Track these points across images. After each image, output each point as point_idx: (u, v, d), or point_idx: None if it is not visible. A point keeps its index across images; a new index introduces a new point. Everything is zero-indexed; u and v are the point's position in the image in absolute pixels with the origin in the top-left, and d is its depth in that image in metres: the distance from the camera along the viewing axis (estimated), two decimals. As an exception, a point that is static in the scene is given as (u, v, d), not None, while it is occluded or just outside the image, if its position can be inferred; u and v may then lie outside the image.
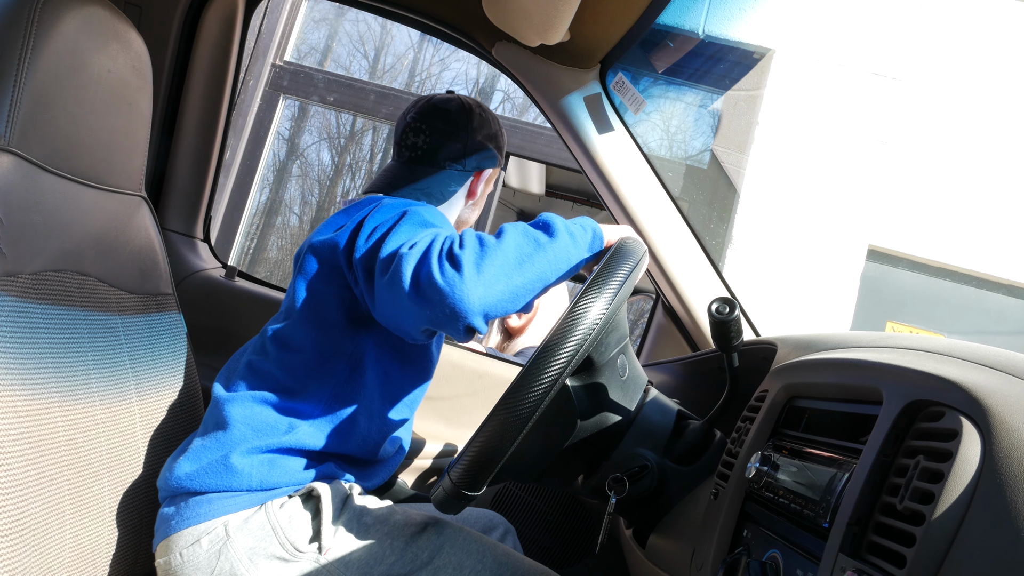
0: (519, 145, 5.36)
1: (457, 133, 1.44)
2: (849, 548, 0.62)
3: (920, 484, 0.57)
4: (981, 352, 0.71)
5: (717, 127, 6.01)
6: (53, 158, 1.11)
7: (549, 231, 1.11)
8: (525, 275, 1.06)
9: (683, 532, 1.03)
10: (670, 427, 1.15)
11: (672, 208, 1.66)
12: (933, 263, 5.71)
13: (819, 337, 1.03)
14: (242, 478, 1.15)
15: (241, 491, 1.16)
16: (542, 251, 1.08)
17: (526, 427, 0.91)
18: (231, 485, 1.16)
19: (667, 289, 1.69)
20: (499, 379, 1.83)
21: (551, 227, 1.11)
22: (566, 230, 1.11)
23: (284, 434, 1.18)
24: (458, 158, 1.43)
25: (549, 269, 1.08)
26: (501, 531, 1.44)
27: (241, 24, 1.78)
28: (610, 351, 1.07)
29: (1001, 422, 0.55)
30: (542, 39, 1.43)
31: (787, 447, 0.84)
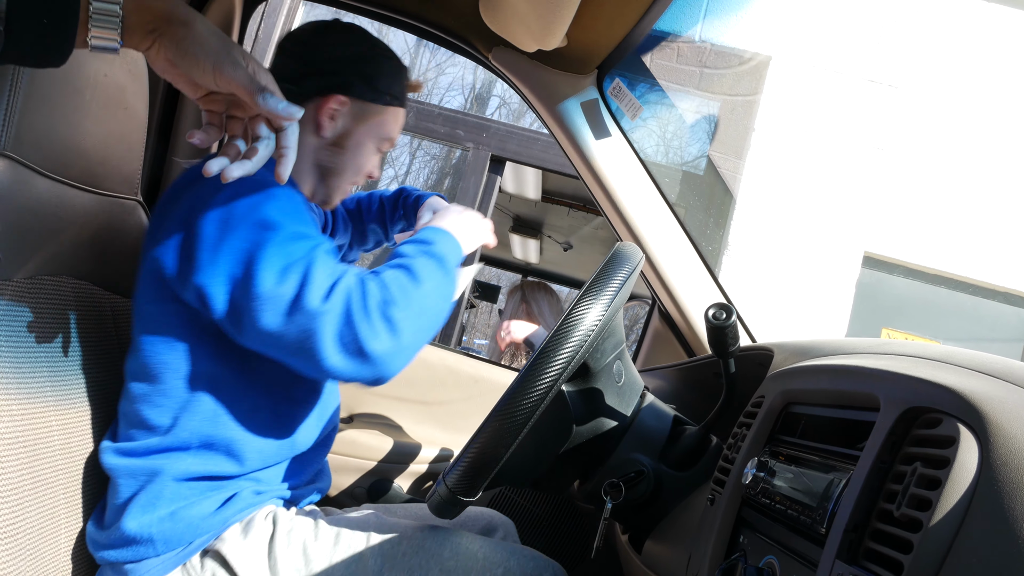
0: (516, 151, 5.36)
1: (301, 51, 1.26)
2: (846, 554, 0.62)
3: (917, 491, 0.57)
4: (978, 359, 0.72)
5: (714, 133, 6.02)
6: (48, 162, 1.10)
7: (444, 265, 1.12)
8: (435, 327, 1.08)
9: (679, 538, 1.03)
10: (666, 433, 1.15)
11: (669, 214, 1.66)
12: (929, 270, 5.72)
13: (815, 343, 1.03)
14: (145, 546, 1.08)
15: (151, 558, 1.08)
16: (447, 298, 1.11)
17: (522, 433, 0.91)
18: (139, 555, 1.08)
19: (663, 295, 1.69)
20: (495, 384, 1.83)
21: (444, 262, 1.12)
22: (451, 261, 1.14)
23: (173, 480, 1.09)
24: (294, 77, 1.23)
25: (444, 311, 1.11)
26: (501, 532, 1.40)
27: (238, 29, 1.78)
28: (606, 357, 1.07)
29: (998, 429, 0.55)
30: (539, 45, 1.43)
31: (784, 453, 0.84)
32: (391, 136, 1.30)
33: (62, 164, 1.13)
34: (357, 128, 1.27)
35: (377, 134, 1.28)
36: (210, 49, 0.83)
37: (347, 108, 1.26)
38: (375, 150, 1.30)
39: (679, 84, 5.93)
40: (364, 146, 1.28)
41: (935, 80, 5.74)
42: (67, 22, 0.75)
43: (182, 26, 0.82)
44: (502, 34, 1.52)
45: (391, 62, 1.29)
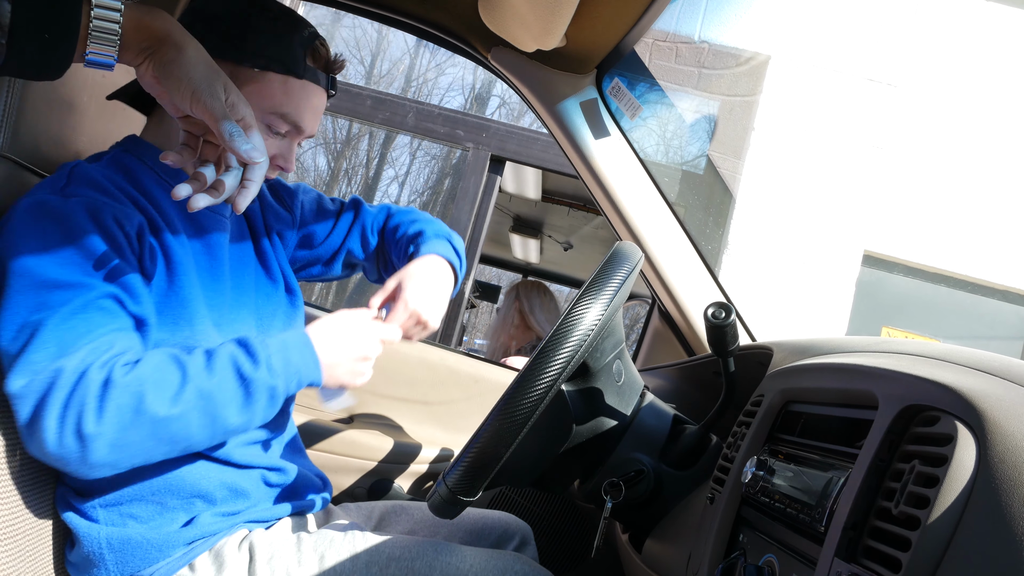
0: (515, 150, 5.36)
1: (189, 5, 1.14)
2: (845, 552, 0.62)
3: (915, 488, 0.57)
4: (976, 357, 0.72)
5: (713, 132, 6.03)
6: (46, 163, 1.11)
7: (249, 392, 0.98)
8: (175, 445, 0.95)
9: (679, 537, 1.03)
10: (666, 432, 1.15)
11: (668, 213, 1.66)
12: (928, 268, 5.72)
13: (815, 342, 1.03)
14: (99, 568, 1.03)
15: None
16: (222, 430, 0.97)
17: (522, 432, 0.91)
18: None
19: (663, 294, 1.69)
20: (495, 384, 1.83)
21: (252, 389, 0.98)
22: (267, 390, 0.99)
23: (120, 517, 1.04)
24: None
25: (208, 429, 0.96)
26: (517, 541, 1.34)
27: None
28: (606, 356, 1.07)
29: (996, 426, 0.55)
30: (538, 45, 1.43)
31: (783, 451, 0.84)
32: (282, 111, 1.09)
33: (59, 165, 1.13)
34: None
35: (258, 107, 1.08)
36: (194, 76, 0.85)
37: None
38: (262, 129, 1.09)
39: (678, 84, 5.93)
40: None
41: (934, 79, 5.74)
42: (68, 38, 0.76)
43: (174, 48, 0.84)
44: (501, 34, 1.53)
45: (273, 22, 1.09)
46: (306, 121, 1.13)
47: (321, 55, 1.14)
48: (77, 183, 0.99)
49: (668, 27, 5.94)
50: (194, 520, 1.08)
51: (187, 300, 1.05)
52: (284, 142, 1.14)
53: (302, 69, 1.10)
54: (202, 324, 1.06)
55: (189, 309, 1.05)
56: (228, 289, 1.14)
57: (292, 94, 1.10)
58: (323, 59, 1.14)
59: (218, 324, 1.10)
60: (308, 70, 1.11)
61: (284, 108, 1.09)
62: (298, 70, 1.10)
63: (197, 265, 1.09)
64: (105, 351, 0.92)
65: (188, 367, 0.95)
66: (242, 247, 1.22)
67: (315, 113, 1.15)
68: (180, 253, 1.06)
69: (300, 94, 1.11)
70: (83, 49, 0.78)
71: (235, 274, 1.17)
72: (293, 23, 1.11)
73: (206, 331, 1.06)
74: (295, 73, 1.09)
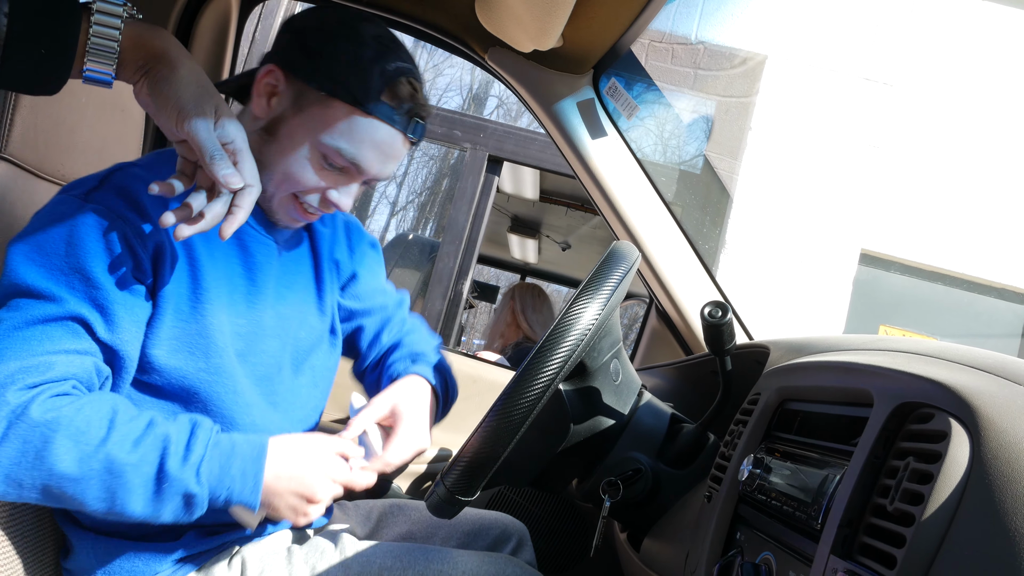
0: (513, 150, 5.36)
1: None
2: (841, 549, 0.62)
3: (910, 485, 0.57)
4: (970, 354, 0.72)
5: (710, 132, 6.03)
6: (45, 164, 1.11)
7: (164, 482, 0.86)
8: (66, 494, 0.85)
9: (677, 535, 1.04)
10: (664, 431, 1.15)
11: (665, 213, 1.67)
12: (925, 267, 5.73)
13: (811, 340, 1.04)
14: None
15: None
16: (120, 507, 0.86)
17: (519, 432, 0.91)
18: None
19: (660, 293, 1.69)
20: (493, 384, 1.83)
21: (167, 481, 0.87)
22: (186, 489, 0.88)
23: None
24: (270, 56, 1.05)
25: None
26: (514, 542, 1.31)
27: (235, 30, 1.78)
28: (603, 356, 1.08)
29: (989, 423, 0.55)
30: (535, 45, 1.44)
31: (780, 450, 0.85)
32: (337, 144, 1.00)
33: (59, 166, 1.14)
34: (293, 116, 1.01)
35: (316, 133, 1.00)
36: (183, 95, 0.82)
37: (285, 87, 1.02)
38: (317, 157, 1.01)
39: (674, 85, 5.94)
40: (298, 144, 1.01)
41: (930, 78, 5.75)
42: (65, 53, 0.76)
43: (167, 66, 0.82)
44: (498, 34, 1.53)
45: (358, 46, 1.00)
46: (367, 161, 1.02)
47: (403, 93, 1.02)
48: (107, 189, 0.94)
49: (664, 28, 5.95)
50: (184, 538, 1.05)
51: (207, 329, 0.99)
52: (341, 177, 1.04)
53: (373, 104, 0.99)
54: (221, 357, 1.00)
55: (207, 339, 0.99)
56: (265, 317, 1.07)
57: (355, 129, 1.00)
58: (405, 99, 1.02)
59: (244, 355, 1.04)
60: (380, 107, 1.00)
61: (341, 142, 1.00)
62: (367, 104, 0.99)
63: (231, 288, 1.03)
64: (40, 373, 0.84)
65: (115, 430, 0.85)
66: (297, 273, 1.15)
67: (381, 155, 1.03)
68: (210, 276, 1.00)
69: (364, 130, 1.00)
70: (81, 65, 0.78)
71: (279, 301, 1.10)
72: (380, 52, 1.01)
73: (224, 364, 1.01)
74: (362, 106, 0.99)
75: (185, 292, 0.98)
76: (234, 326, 1.03)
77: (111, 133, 1.23)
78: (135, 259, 0.92)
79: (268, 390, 1.09)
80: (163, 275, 0.95)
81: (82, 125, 1.17)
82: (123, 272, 0.91)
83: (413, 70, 1.04)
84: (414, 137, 1.05)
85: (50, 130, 1.10)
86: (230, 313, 1.02)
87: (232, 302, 1.03)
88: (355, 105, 0.99)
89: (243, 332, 1.04)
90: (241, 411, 1.03)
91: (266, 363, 1.08)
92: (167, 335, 0.97)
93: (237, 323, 1.03)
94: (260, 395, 1.07)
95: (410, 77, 1.02)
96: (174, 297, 0.97)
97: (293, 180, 1.02)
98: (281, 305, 1.10)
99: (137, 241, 0.92)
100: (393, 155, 1.05)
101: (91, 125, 1.19)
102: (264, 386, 1.08)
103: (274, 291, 1.09)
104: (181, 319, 0.97)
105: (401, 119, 1.02)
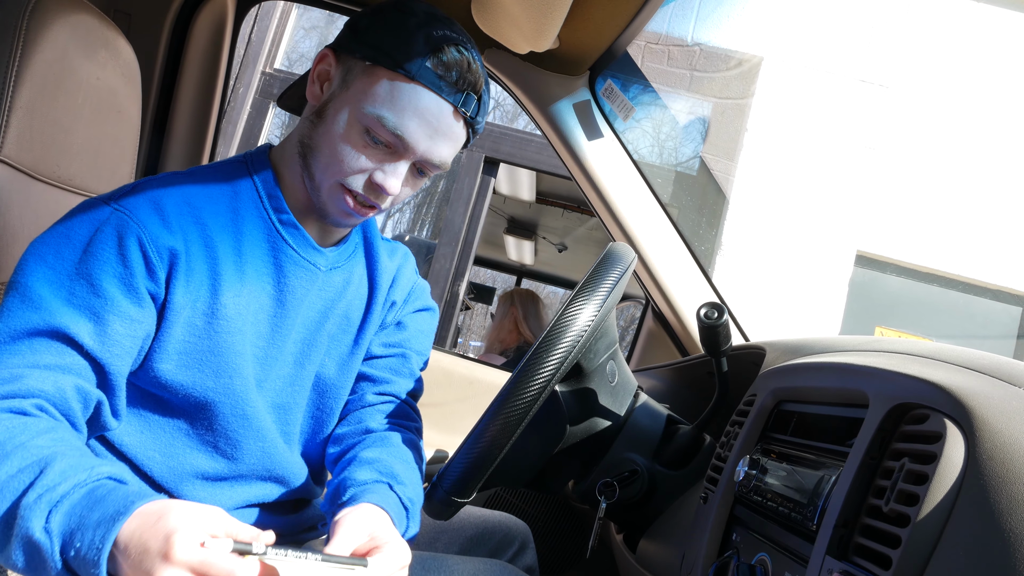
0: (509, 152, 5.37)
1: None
2: (836, 550, 0.63)
3: (905, 486, 0.57)
4: (965, 356, 0.72)
5: (706, 134, 6.04)
6: (42, 166, 1.10)
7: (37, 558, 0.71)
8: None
9: (673, 536, 1.04)
10: (660, 432, 1.15)
11: (662, 214, 1.67)
12: (921, 268, 5.75)
13: (807, 341, 1.04)
14: None
15: None
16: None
17: (516, 433, 0.91)
18: None
19: (657, 295, 1.70)
20: (489, 385, 1.83)
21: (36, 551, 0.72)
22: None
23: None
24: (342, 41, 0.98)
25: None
26: (517, 546, 1.27)
27: (231, 31, 1.78)
28: (599, 357, 1.08)
29: (984, 424, 0.55)
30: (531, 46, 1.44)
31: (775, 451, 0.85)
32: (379, 112, 0.92)
33: (55, 168, 1.13)
34: (340, 93, 0.96)
35: (360, 103, 0.93)
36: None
37: (335, 68, 0.97)
38: (360, 132, 0.94)
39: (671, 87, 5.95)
40: (342, 119, 0.94)
41: (926, 80, 5.77)
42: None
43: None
44: (494, 36, 1.53)
45: (404, 16, 0.94)
46: (411, 132, 0.93)
47: (451, 62, 0.93)
48: (134, 195, 0.91)
49: (660, 29, 5.96)
50: None
51: (220, 348, 0.95)
52: (386, 155, 0.95)
53: (415, 68, 0.92)
54: (231, 378, 0.96)
55: (219, 358, 0.95)
56: (289, 344, 1.03)
57: (397, 95, 0.92)
58: (454, 67, 0.94)
59: (261, 381, 1.00)
60: (424, 71, 0.92)
61: (382, 109, 0.92)
62: (409, 67, 0.92)
63: (256, 308, 0.98)
64: (5, 384, 0.80)
65: (8, 459, 0.76)
66: (341, 300, 1.08)
67: (427, 127, 0.94)
68: (232, 293, 0.95)
69: (407, 96, 0.92)
70: None
71: (309, 327, 1.05)
72: (426, 20, 0.94)
73: (235, 386, 0.96)
74: (405, 71, 0.92)
75: (201, 306, 0.94)
76: (254, 349, 0.99)
77: (106, 135, 1.23)
78: (149, 269, 0.89)
79: (283, 419, 1.05)
80: (178, 287, 0.91)
81: (78, 127, 1.17)
82: (131, 283, 0.88)
83: (464, 40, 0.96)
84: (466, 111, 0.96)
85: (46, 132, 1.10)
86: (252, 335, 0.98)
87: (256, 323, 0.98)
88: (396, 69, 0.92)
89: (262, 356, 1.00)
90: (248, 437, 1.00)
91: (283, 391, 1.04)
92: (176, 349, 0.93)
93: (257, 346, 0.99)
94: (273, 423, 1.03)
95: (462, 47, 0.95)
96: (187, 310, 0.93)
97: (337, 160, 0.95)
98: (311, 332, 1.05)
99: (152, 250, 0.89)
100: (442, 130, 0.95)
101: (87, 127, 1.19)
102: (279, 415, 1.04)
103: (305, 317, 1.04)
104: (193, 334, 0.94)
105: (448, 88, 0.94)
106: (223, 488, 1.01)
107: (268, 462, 1.02)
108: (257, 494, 1.04)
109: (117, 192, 0.92)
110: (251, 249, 0.98)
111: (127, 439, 0.95)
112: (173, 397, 0.95)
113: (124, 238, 0.88)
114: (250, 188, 1.00)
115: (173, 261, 0.91)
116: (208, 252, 0.94)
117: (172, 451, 0.97)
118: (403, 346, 1.17)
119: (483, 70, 0.98)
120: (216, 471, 0.99)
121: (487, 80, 1.00)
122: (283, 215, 1.00)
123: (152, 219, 0.90)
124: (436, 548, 1.24)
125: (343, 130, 0.94)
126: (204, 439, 0.98)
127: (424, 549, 1.23)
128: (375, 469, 0.98)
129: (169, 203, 0.92)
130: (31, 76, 1.05)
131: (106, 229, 0.88)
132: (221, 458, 0.99)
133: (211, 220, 0.95)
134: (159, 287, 0.91)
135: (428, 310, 1.22)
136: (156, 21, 1.68)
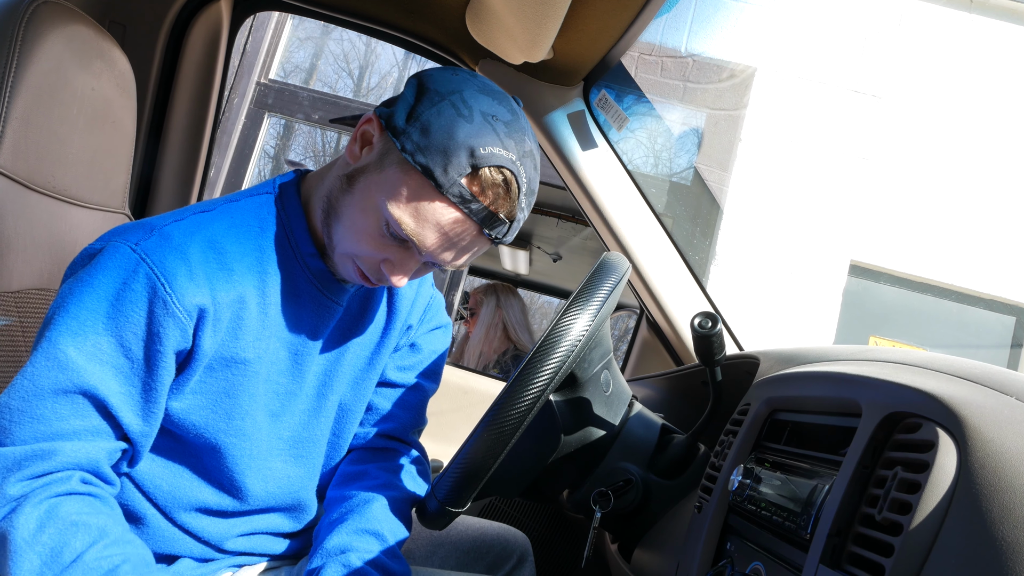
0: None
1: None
2: (829, 559, 0.63)
3: (898, 495, 0.58)
4: (958, 365, 0.73)
5: (700, 144, 6.07)
6: (37, 176, 1.10)
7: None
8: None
9: (667, 546, 1.04)
10: (654, 441, 1.15)
11: (656, 224, 1.67)
12: (915, 278, 5.77)
13: (801, 351, 1.04)
14: None
15: None
16: None
17: (510, 443, 0.91)
18: None
19: (651, 304, 1.70)
20: (484, 394, 1.83)
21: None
22: None
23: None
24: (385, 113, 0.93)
25: None
26: (516, 559, 1.26)
27: (226, 42, 1.79)
28: (594, 366, 1.08)
29: (976, 433, 0.56)
30: (526, 57, 1.45)
31: (769, 460, 0.85)
32: (398, 215, 0.89)
33: (50, 178, 1.13)
34: (373, 172, 0.92)
35: (386, 196, 0.90)
36: None
37: (378, 139, 0.93)
38: (380, 222, 0.91)
39: (664, 98, 5.98)
40: (367, 203, 0.92)
41: (918, 89, 5.81)
42: None
43: None
44: (489, 46, 1.54)
45: (459, 122, 0.87)
46: (427, 242, 0.90)
47: (489, 184, 0.88)
48: (160, 243, 0.89)
49: (654, 40, 5.99)
50: (175, 564, 1.00)
51: (235, 389, 0.96)
52: (399, 251, 0.93)
53: (448, 184, 0.87)
54: (244, 419, 0.97)
55: (233, 400, 0.96)
56: (308, 378, 1.04)
57: (422, 207, 0.89)
58: (489, 190, 0.88)
59: (277, 415, 1.02)
60: (455, 188, 0.87)
61: (404, 214, 0.89)
62: (443, 183, 0.87)
63: (278, 346, 0.99)
64: (43, 461, 0.83)
65: (79, 563, 0.81)
66: (360, 330, 1.08)
67: (446, 240, 0.91)
68: (254, 337, 0.96)
69: (430, 211, 0.88)
70: None
71: (329, 361, 1.06)
72: (480, 130, 0.87)
73: (246, 427, 0.98)
74: (436, 183, 0.87)
75: (222, 351, 0.94)
76: (273, 386, 1.00)
77: (101, 145, 1.23)
78: (177, 330, 0.88)
79: (300, 453, 1.06)
80: (204, 338, 0.91)
81: (73, 137, 1.17)
82: (158, 349, 0.88)
83: (514, 162, 0.89)
84: (491, 234, 0.91)
85: (41, 142, 1.10)
86: (272, 374, 0.99)
87: (276, 361, 0.99)
88: (428, 178, 0.87)
89: (281, 392, 1.01)
90: (255, 478, 1.00)
91: (303, 424, 1.05)
92: (191, 389, 0.93)
93: (278, 383, 1.00)
94: (285, 461, 1.04)
95: (507, 168, 0.89)
96: (208, 356, 0.93)
97: (353, 240, 0.94)
98: (331, 363, 1.06)
99: (180, 310, 0.88)
100: (461, 245, 0.92)
101: (82, 137, 1.19)
102: (297, 449, 1.05)
103: (326, 350, 1.05)
104: (210, 376, 0.94)
105: (479, 209, 0.89)
106: (227, 520, 1.02)
107: (274, 500, 1.04)
108: (262, 525, 1.06)
109: (141, 233, 0.90)
110: (275, 289, 0.97)
111: (137, 465, 0.95)
112: (184, 434, 0.96)
113: (152, 302, 0.86)
114: (279, 226, 0.99)
115: (201, 316, 0.90)
116: (234, 299, 0.93)
117: (179, 483, 0.98)
118: (416, 369, 1.18)
119: (527, 190, 0.92)
120: (220, 506, 1.00)
121: (531, 194, 0.93)
122: (310, 256, 0.99)
123: (179, 273, 0.88)
124: (433, 561, 1.24)
125: (365, 213, 0.92)
126: (211, 476, 0.99)
127: (421, 562, 1.22)
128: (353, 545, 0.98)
129: (195, 250, 0.90)
130: (26, 86, 1.05)
131: (134, 287, 0.86)
132: (226, 495, 1.00)
133: (237, 264, 0.93)
134: (186, 342, 0.90)
135: (442, 328, 1.22)
136: (151, 32, 1.68)
